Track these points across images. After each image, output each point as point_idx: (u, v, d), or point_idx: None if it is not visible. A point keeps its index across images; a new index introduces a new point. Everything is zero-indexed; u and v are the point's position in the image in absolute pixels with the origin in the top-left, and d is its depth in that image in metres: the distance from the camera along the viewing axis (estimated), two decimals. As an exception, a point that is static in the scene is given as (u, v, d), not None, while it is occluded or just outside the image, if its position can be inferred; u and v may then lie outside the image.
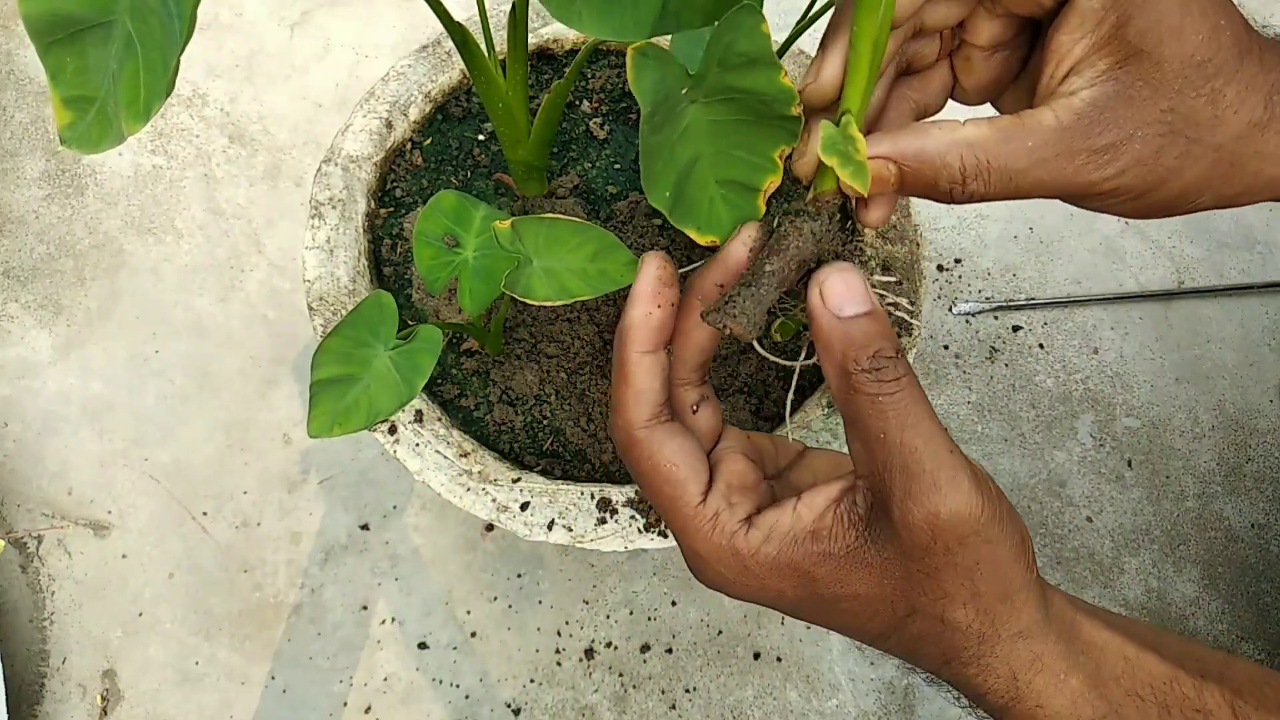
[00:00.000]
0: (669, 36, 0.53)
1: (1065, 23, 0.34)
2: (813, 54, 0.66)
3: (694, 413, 0.39)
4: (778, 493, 0.39)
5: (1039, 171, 0.33)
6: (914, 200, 0.64)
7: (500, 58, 0.63)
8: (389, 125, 0.63)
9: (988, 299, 0.90)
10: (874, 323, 0.33)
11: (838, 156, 0.33)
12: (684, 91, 0.36)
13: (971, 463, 0.33)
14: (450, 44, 0.65)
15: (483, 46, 0.51)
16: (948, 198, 0.35)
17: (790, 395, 0.46)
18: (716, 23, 0.34)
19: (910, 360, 0.59)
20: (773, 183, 0.37)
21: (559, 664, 0.78)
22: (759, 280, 0.36)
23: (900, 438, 0.32)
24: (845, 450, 0.56)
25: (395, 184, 0.64)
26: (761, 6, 0.35)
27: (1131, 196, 0.34)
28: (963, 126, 0.34)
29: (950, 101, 0.41)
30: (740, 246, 0.37)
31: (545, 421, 0.59)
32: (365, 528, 0.81)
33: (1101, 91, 0.33)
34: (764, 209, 0.38)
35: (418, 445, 0.55)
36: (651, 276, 0.37)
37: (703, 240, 0.38)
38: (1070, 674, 0.34)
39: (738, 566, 0.35)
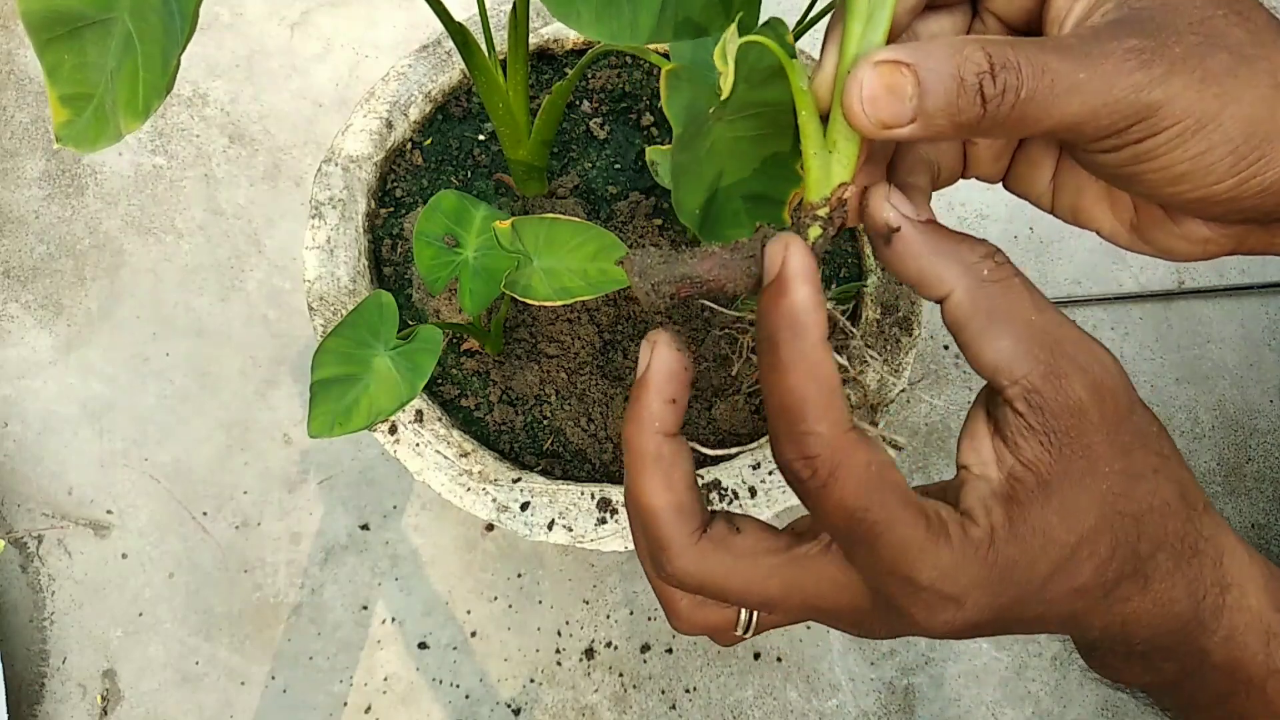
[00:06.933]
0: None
1: None
2: (814, 55, 0.66)
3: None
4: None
5: (1073, 66, 0.28)
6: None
7: (501, 58, 0.63)
8: (389, 125, 0.63)
9: (988, 299, 0.90)
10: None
11: (724, 62, 0.31)
12: (711, 111, 0.36)
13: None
14: (450, 44, 0.65)
15: (483, 46, 0.51)
16: (976, 101, 0.28)
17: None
18: (724, 33, 0.34)
19: (909, 360, 0.59)
20: (796, 194, 0.37)
21: (559, 664, 0.78)
22: (687, 254, 0.33)
23: (1045, 315, 0.29)
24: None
25: (395, 184, 0.64)
26: (759, 8, 0.35)
27: (1191, 125, 0.29)
28: (975, 36, 0.30)
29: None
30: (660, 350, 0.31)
31: (545, 421, 0.58)
32: (365, 528, 0.81)
33: (1117, 15, 0.29)
34: (788, 221, 0.37)
35: (418, 445, 0.55)
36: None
37: None
38: (1253, 559, 0.31)
39: (986, 561, 0.28)
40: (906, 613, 0.28)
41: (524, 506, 0.54)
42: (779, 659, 0.78)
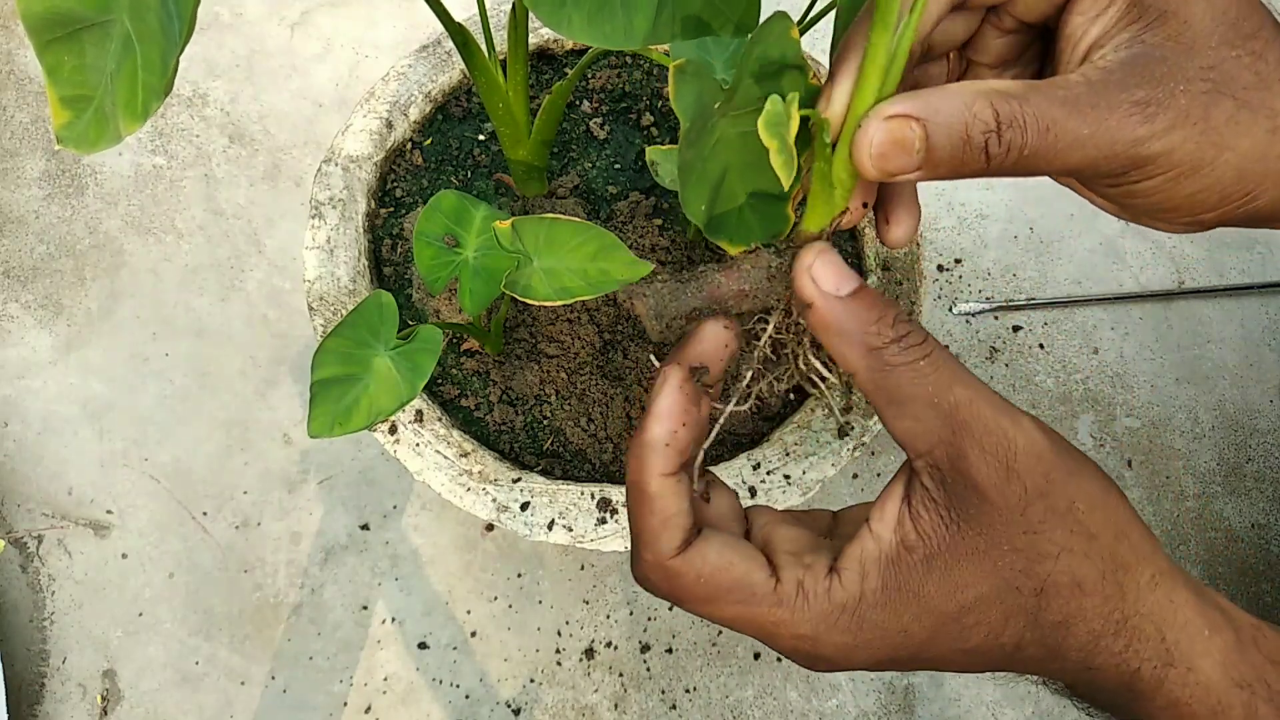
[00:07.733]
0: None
1: (1078, 4, 0.32)
2: (813, 55, 0.66)
3: (707, 501, 0.36)
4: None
5: (1078, 123, 0.29)
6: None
7: (501, 58, 0.63)
8: (389, 125, 0.63)
9: (988, 299, 0.90)
10: (873, 294, 0.31)
11: (778, 140, 0.31)
12: (716, 106, 0.36)
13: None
14: (450, 44, 0.65)
15: (483, 47, 0.51)
16: (981, 157, 0.30)
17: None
18: (732, 34, 0.34)
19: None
20: (799, 190, 0.37)
21: (559, 664, 0.78)
22: (691, 280, 0.35)
23: (952, 396, 0.30)
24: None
25: (395, 184, 0.64)
26: (759, 6, 0.35)
27: (1185, 171, 0.30)
28: (986, 82, 0.31)
29: None
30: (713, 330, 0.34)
31: (545, 421, 0.59)
32: (365, 528, 0.81)
33: (1130, 54, 0.30)
34: (793, 217, 0.37)
35: (418, 445, 0.55)
36: (674, 391, 0.33)
37: (734, 252, 0.38)
38: (1214, 633, 0.31)
39: (852, 624, 0.31)
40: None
41: (524, 506, 0.54)
42: (779, 659, 0.78)
